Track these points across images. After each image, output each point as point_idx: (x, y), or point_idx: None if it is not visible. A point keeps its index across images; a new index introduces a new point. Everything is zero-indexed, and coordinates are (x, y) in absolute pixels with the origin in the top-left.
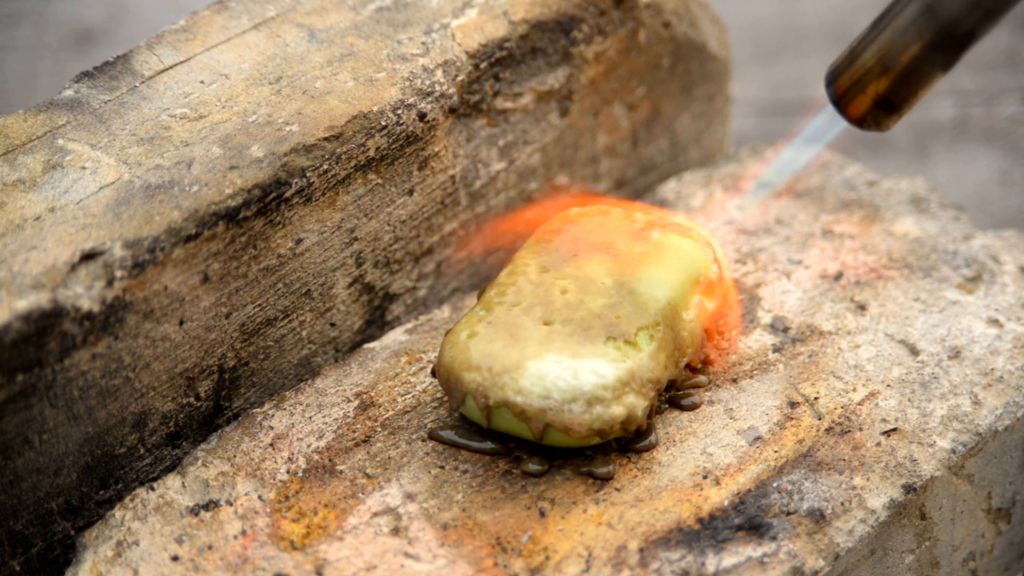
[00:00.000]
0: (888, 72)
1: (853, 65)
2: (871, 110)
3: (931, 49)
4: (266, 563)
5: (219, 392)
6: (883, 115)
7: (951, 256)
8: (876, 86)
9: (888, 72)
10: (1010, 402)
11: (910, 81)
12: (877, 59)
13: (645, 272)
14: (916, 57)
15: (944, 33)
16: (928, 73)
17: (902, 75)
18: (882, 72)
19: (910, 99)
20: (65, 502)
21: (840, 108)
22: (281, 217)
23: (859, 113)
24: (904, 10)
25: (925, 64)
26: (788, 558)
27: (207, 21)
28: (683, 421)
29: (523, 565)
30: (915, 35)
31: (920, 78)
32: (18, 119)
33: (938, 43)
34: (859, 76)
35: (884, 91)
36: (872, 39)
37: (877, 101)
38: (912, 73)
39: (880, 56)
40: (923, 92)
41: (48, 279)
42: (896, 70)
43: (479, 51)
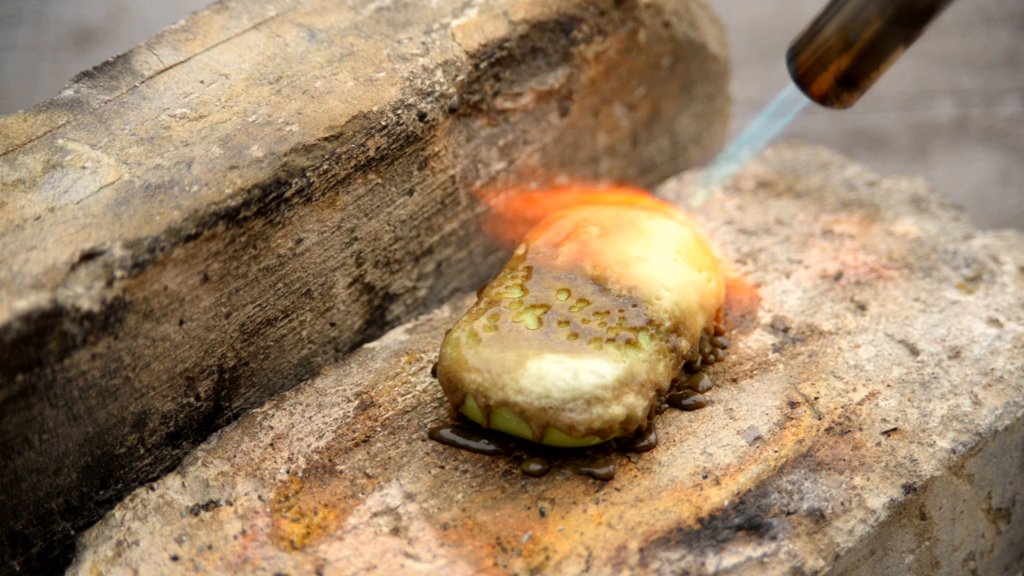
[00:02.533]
0: (850, 48)
1: (814, 41)
2: (833, 87)
3: (893, 23)
4: (266, 563)
5: (219, 392)
6: (845, 91)
7: (951, 256)
8: (838, 63)
9: (850, 48)
10: (1010, 402)
11: (872, 57)
12: (838, 35)
13: (645, 272)
14: (878, 32)
15: (905, 7)
16: (890, 48)
17: (864, 51)
18: (844, 48)
19: (872, 75)
20: (65, 502)
21: (802, 85)
22: (281, 217)
23: (821, 90)
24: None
25: (887, 39)
26: (788, 558)
27: (207, 21)
28: (683, 421)
29: (523, 565)
30: (876, 10)
31: (882, 53)
32: (18, 119)
33: (899, 17)
34: (821, 53)
35: (846, 67)
36: (833, 15)
37: (839, 78)
38: (874, 48)
39: (841, 32)
40: (885, 67)
41: (48, 279)
42: (858, 46)
43: (479, 51)
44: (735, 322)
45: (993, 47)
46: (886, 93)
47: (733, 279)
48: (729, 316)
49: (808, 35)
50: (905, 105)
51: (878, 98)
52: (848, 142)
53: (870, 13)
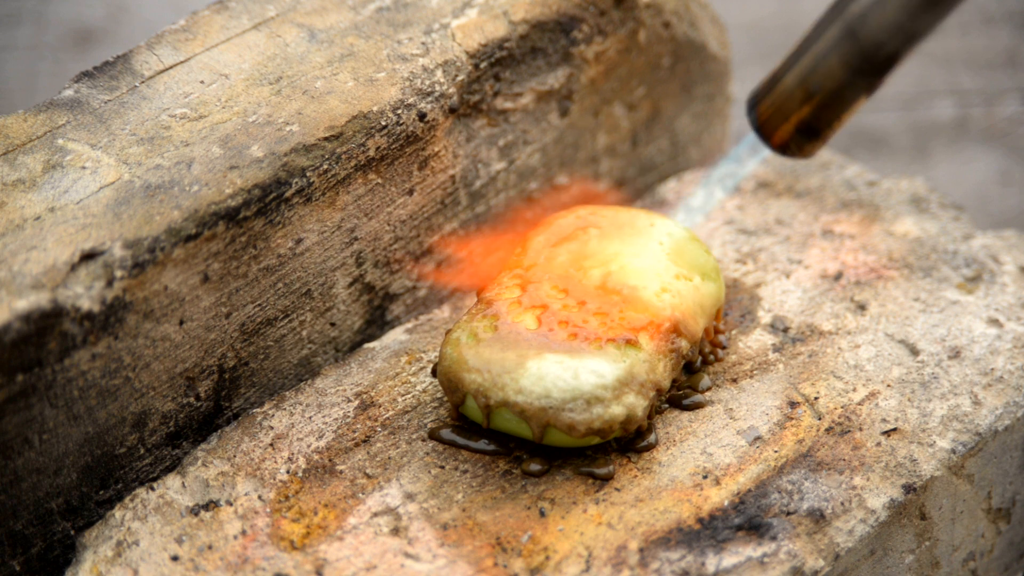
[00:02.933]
0: (811, 98)
1: (774, 91)
2: (794, 136)
3: (854, 74)
4: (266, 563)
5: (219, 392)
6: (806, 141)
7: (951, 256)
8: (799, 113)
9: (811, 98)
10: (1010, 402)
11: (833, 106)
12: (799, 85)
13: (645, 272)
14: (839, 82)
15: (867, 57)
16: (852, 98)
17: (825, 101)
18: (805, 98)
19: (833, 124)
20: (65, 502)
21: (762, 135)
22: (281, 217)
23: (782, 140)
24: (824, 34)
25: (848, 89)
26: (788, 558)
27: (207, 21)
28: (683, 421)
29: (523, 565)
30: (837, 60)
31: (843, 103)
32: (18, 119)
33: (861, 67)
34: (781, 102)
35: (807, 117)
36: (792, 65)
37: (800, 127)
38: (835, 98)
39: (802, 82)
40: (847, 117)
41: (48, 279)
42: (819, 96)
43: (479, 51)
44: (735, 322)
45: (993, 47)
46: (886, 93)
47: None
48: (729, 316)
49: (768, 85)
50: (905, 105)
51: (878, 98)
52: (848, 142)
53: (831, 64)
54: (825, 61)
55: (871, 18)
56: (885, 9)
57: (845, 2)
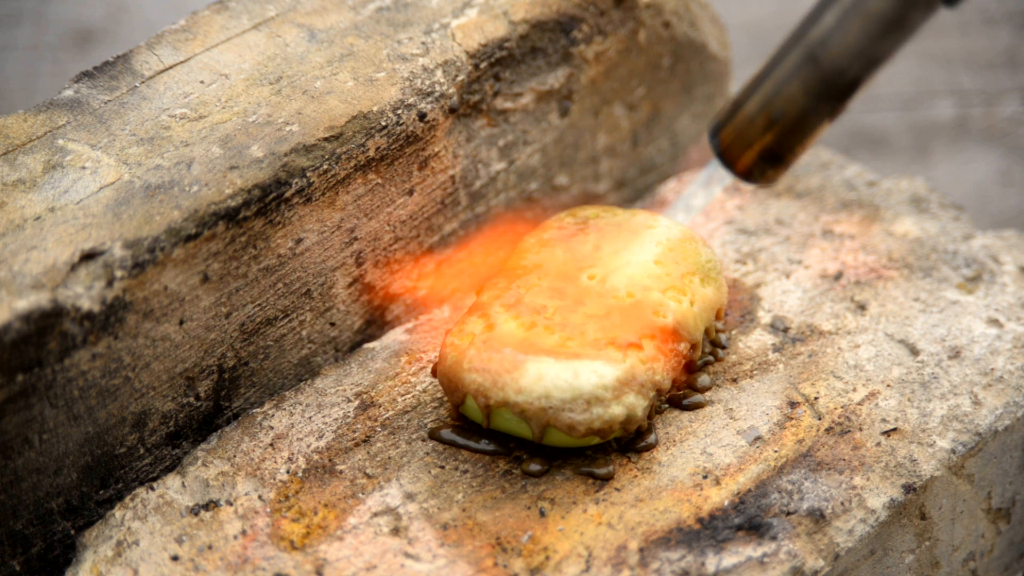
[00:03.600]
0: (774, 125)
1: (736, 118)
2: (757, 164)
3: (816, 99)
4: (266, 563)
5: (219, 392)
6: (769, 167)
7: (951, 256)
8: (762, 140)
9: (774, 125)
10: (1010, 402)
11: (797, 133)
12: (761, 111)
13: (645, 273)
14: (802, 108)
15: (829, 82)
16: (814, 123)
17: (788, 127)
18: (768, 126)
19: (796, 150)
20: (65, 502)
21: (725, 162)
22: (281, 217)
23: (746, 167)
24: (785, 60)
25: (811, 115)
26: (788, 558)
27: (207, 21)
28: (683, 421)
29: (523, 565)
30: (799, 86)
31: (806, 129)
32: (18, 119)
33: (823, 93)
34: (743, 129)
35: (770, 144)
36: (754, 91)
37: (763, 155)
38: (798, 124)
39: (764, 108)
40: (810, 142)
41: (48, 279)
42: (782, 123)
43: (479, 51)
44: (735, 322)
45: (993, 47)
46: (886, 93)
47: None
48: (729, 316)
49: (730, 111)
50: (905, 105)
51: (878, 98)
52: (848, 142)
53: (793, 90)
54: (787, 87)
55: (832, 44)
56: (846, 34)
57: (806, 28)
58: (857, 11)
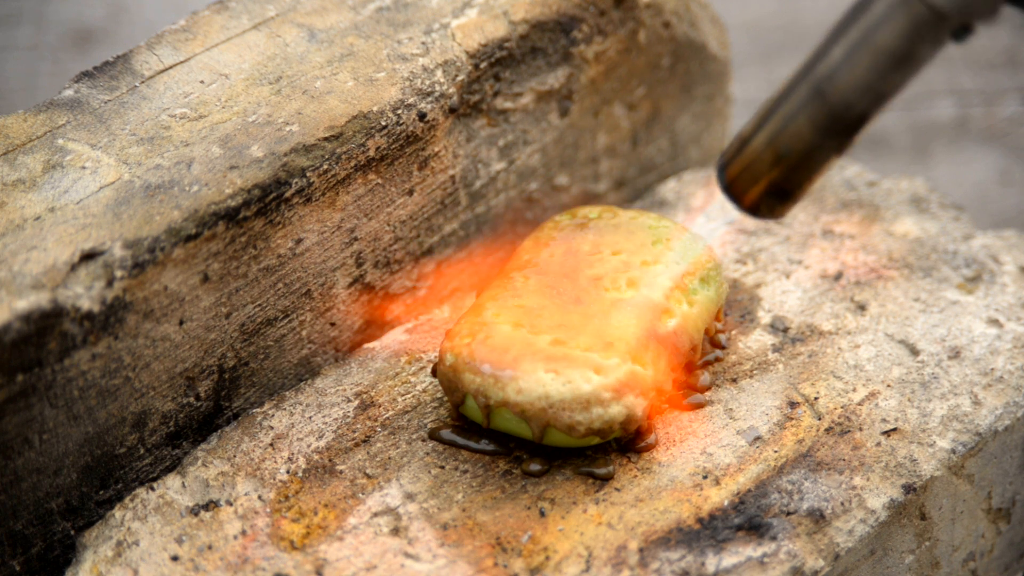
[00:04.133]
0: (781, 160)
1: (743, 153)
2: (765, 199)
3: (824, 135)
4: (266, 563)
5: (219, 392)
6: (777, 203)
7: (951, 256)
8: (770, 175)
9: (781, 160)
10: (1010, 402)
11: (804, 168)
12: (769, 147)
13: (645, 274)
14: (810, 144)
15: (836, 118)
16: (822, 159)
17: (796, 163)
18: (775, 161)
19: (804, 185)
20: (65, 502)
21: (732, 196)
22: (281, 217)
23: (752, 201)
24: (792, 95)
25: (819, 150)
26: (788, 558)
27: (207, 21)
28: (683, 421)
29: (523, 565)
30: (807, 121)
31: (814, 164)
32: (18, 119)
33: (831, 128)
34: (750, 164)
35: (778, 179)
36: (762, 125)
37: (770, 190)
38: (806, 160)
39: (772, 144)
40: (818, 177)
41: (48, 279)
42: (790, 158)
43: (479, 51)
44: (735, 322)
45: (993, 47)
46: None
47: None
48: (729, 316)
49: (737, 147)
50: (905, 105)
51: None
52: None
53: (800, 125)
54: (794, 122)
55: (839, 79)
56: (853, 69)
57: (813, 63)
58: (865, 46)
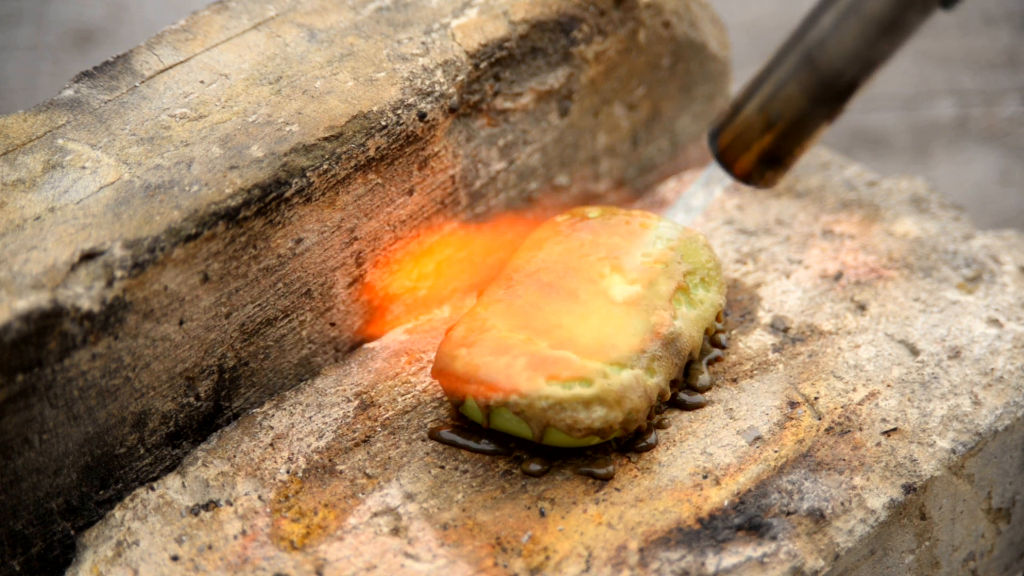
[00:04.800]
0: (772, 127)
1: (735, 120)
2: (756, 166)
3: (814, 102)
4: (266, 563)
5: (219, 392)
6: (769, 170)
7: (951, 256)
8: (760, 142)
9: (772, 127)
10: (1010, 402)
11: (795, 135)
12: (760, 114)
13: (645, 274)
14: (800, 111)
15: (826, 85)
16: (813, 126)
17: (787, 129)
18: (766, 127)
19: (796, 152)
20: (65, 502)
21: (724, 164)
22: (281, 217)
23: (744, 169)
24: (783, 63)
25: (809, 117)
26: (788, 558)
27: (207, 21)
28: (683, 421)
29: (523, 565)
30: (797, 88)
31: (805, 131)
32: (18, 119)
33: (821, 95)
34: (742, 131)
35: (769, 146)
36: (753, 93)
37: (762, 157)
38: (796, 127)
39: (763, 111)
40: (809, 144)
41: (48, 279)
42: (780, 125)
43: (479, 51)
44: (735, 322)
45: (993, 47)
46: (886, 93)
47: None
48: (729, 316)
49: (729, 114)
50: (905, 105)
51: (878, 98)
52: (848, 142)
53: (791, 92)
54: (785, 89)
55: (829, 46)
56: (843, 37)
57: (803, 30)
58: (854, 14)
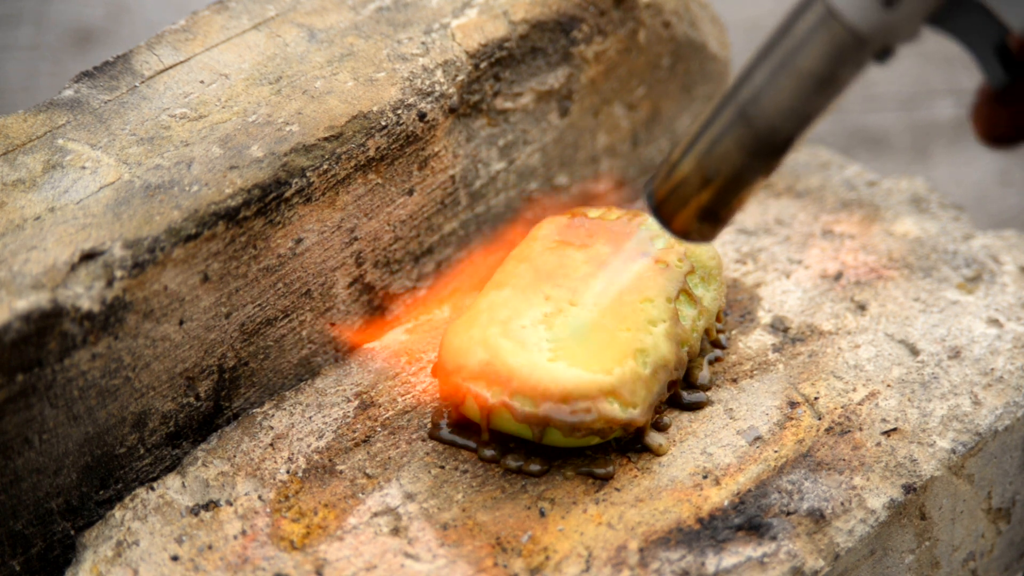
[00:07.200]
0: (708, 183)
1: (671, 177)
2: (693, 221)
3: (750, 156)
4: (266, 563)
5: (219, 392)
6: (707, 226)
7: (951, 256)
8: (697, 198)
9: (708, 183)
10: (1010, 402)
11: (732, 190)
12: (696, 170)
13: (645, 275)
14: (736, 166)
15: (762, 141)
16: (750, 180)
17: (724, 185)
18: (702, 184)
19: (733, 206)
20: (65, 502)
21: (661, 220)
22: (281, 217)
23: (682, 225)
24: (718, 119)
25: (747, 172)
26: (788, 558)
27: (207, 21)
28: (683, 421)
29: (523, 565)
30: (733, 144)
31: (741, 186)
32: (18, 119)
33: (757, 151)
34: (677, 187)
35: (706, 202)
36: (689, 149)
37: (700, 213)
38: (733, 182)
39: (699, 167)
40: (746, 199)
41: (48, 279)
42: (717, 182)
43: (479, 51)
44: (735, 322)
45: None
46: (886, 93)
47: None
48: (729, 316)
49: (665, 171)
50: (905, 105)
51: (878, 98)
52: (848, 142)
53: (727, 148)
54: (721, 145)
55: (764, 102)
56: (778, 93)
57: (738, 85)
58: (787, 69)
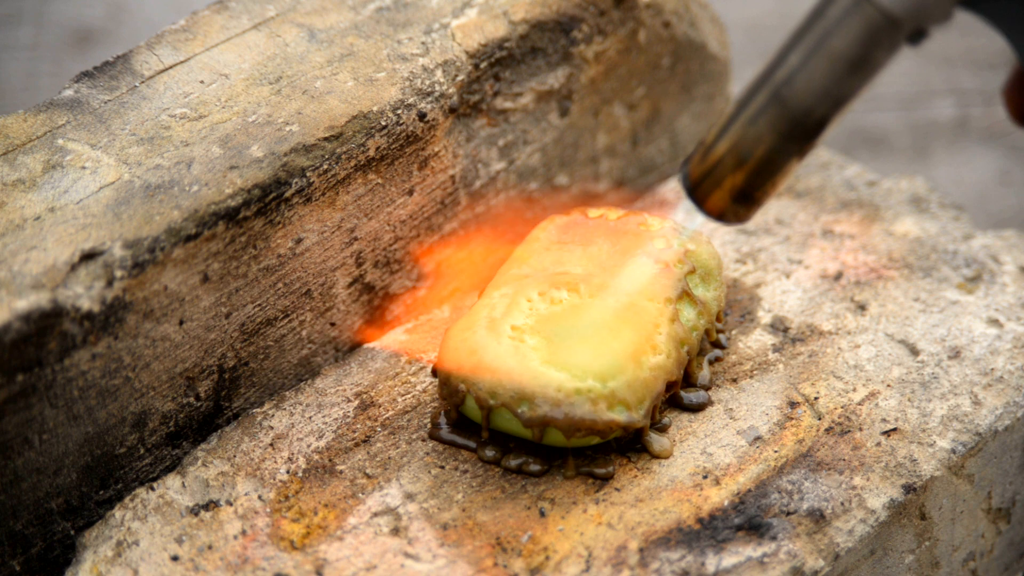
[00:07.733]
0: (743, 165)
1: (706, 159)
2: (729, 203)
3: (784, 139)
4: (266, 563)
5: (219, 392)
6: (741, 207)
7: (951, 256)
8: (732, 180)
9: (743, 165)
10: (1010, 402)
11: (766, 172)
12: (730, 152)
13: (645, 275)
14: (771, 148)
15: (796, 123)
16: (783, 163)
17: (758, 167)
18: (737, 166)
19: (768, 189)
20: (65, 502)
21: (696, 202)
22: (281, 217)
23: (716, 206)
24: (753, 101)
25: (780, 155)
26: (788, 558)
27: (207, 21)
28: (683, 421)
29: (523, 565)
30: (767, 126)
31: (776, 168)
32: (18, 119)
33: (791, 133)
34: (712, 169)
35: (740, 184)
36: (723, 131)
37: (734, 194)
38: (767, 164)
39: (733, 149)
40: (781, 181)
41: (48, 279)
42: (751, 162)
43: (479, 51)
44: (735, 322)
45: (993, 47)
46: (886, 93)
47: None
48: (729, 316)
49: (700, 153)
50: (905, 105)
51: (878, 98)
52: (848, 142)
53: (761, 130)
54: (755, 127)
55: (797, 84)
56: (811, 75)
57: (772, 68)
58: (821, 52)
